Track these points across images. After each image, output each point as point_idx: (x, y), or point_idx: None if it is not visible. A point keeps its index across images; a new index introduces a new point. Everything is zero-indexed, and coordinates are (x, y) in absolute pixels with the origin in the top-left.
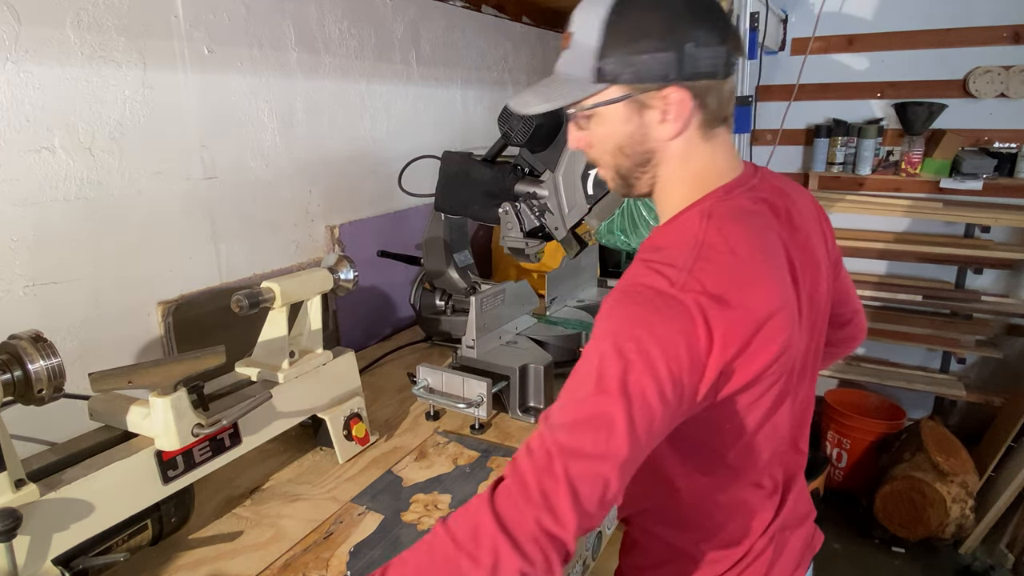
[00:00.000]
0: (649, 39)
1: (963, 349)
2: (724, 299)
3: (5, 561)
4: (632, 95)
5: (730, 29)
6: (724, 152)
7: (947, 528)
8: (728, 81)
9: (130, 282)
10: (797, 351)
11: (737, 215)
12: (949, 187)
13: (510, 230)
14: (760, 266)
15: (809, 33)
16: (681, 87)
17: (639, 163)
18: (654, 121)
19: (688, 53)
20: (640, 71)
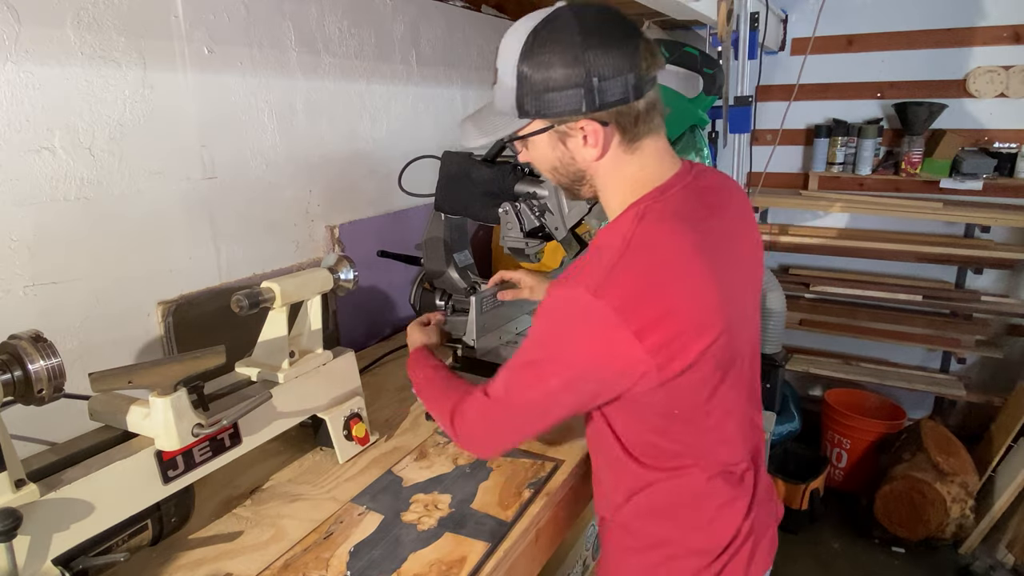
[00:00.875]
0: (557, 79)
1: (963, 349)
2: (643, 298)
3: (5, 561)
4: (552, 127)
5: (638, 51)
6: (654, 158)
7: (947, 528)
8: (642, 100)
9: (130, 282)
10: (732, 337)
11: (668, 214)
12: (949, 187)
13: (510, 230)
14: (686, 262)
15: (809, 33)
16: (592, 118)
17: (574, 179)
18: (578, 146)
19: (594, 87)
20: (554, 108)
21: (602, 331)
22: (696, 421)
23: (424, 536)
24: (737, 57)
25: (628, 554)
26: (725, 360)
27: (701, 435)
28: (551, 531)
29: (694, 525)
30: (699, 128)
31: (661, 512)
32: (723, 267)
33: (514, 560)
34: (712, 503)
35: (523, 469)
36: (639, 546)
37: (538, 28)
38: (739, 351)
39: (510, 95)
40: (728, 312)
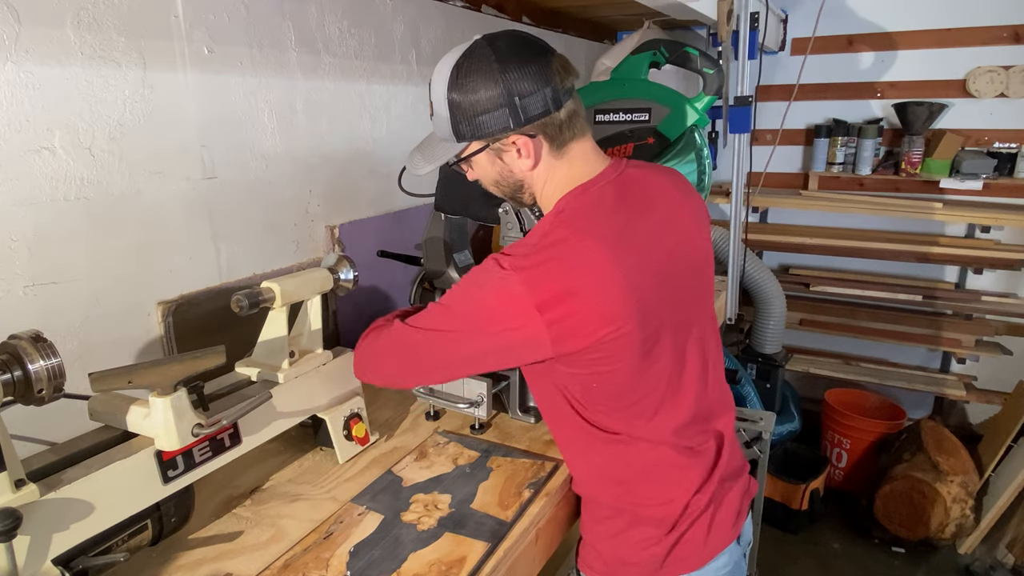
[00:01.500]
0: (483, 103)
1: (963, 349)
2: (548, 277)
3: (5, 561)
4: (488, 146)
5: (550, 68)
6: (581, 159)
7: (947, 528)
8: (563, 109)
9: (130, 282)
10: (645, 325)
11: (582, 209)
12: (949, 187)
13: (510, 230)
14: (592, 256)
15: (809, 33)
16: (521, 133)
17: (516, 189)
18: (513, 159)
19: (517, 105)
20: (485, 129)
21: (509, 296)
22: (621, 397)
23: (424, 536)
24: (737, 57)
25: (596, 522)
26: (636, 340)
27: (630, 410)
28: (551, 531)
29: (647, 494)
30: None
31: (617, 480)
32: (637, 258)
33: (514, 560)
34: (661, 472)
35: (523, 469)
36: (602, 515)
37: (460, 61)
38: (663, 331)
39: (446, 124)
40: (640, 301)
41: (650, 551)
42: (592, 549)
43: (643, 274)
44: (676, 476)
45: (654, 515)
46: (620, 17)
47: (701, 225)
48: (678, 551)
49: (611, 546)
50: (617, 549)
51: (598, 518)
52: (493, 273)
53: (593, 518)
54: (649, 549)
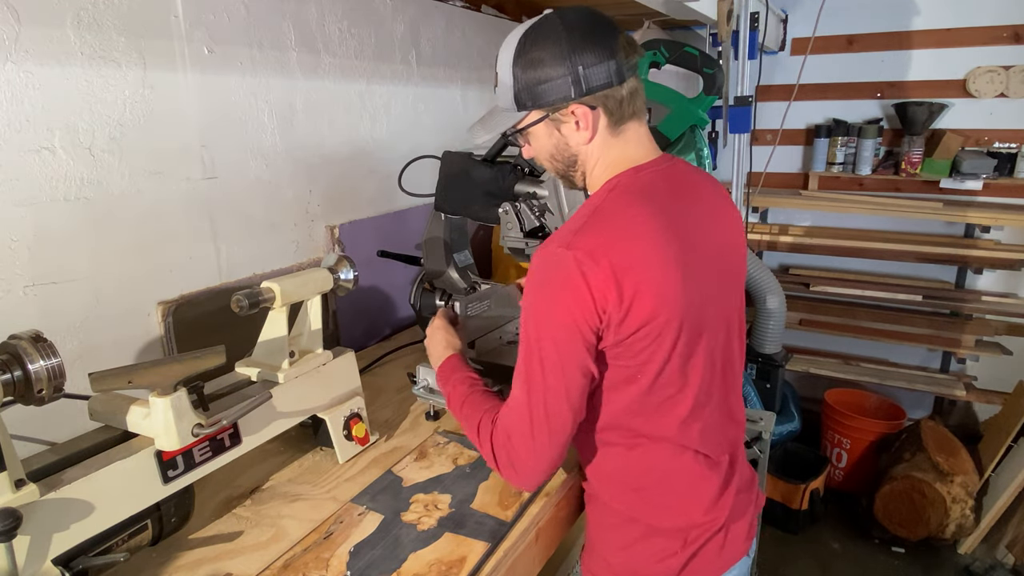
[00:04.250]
0: (548, 70)
1: (963, 349)
2: (597, 254)
3: (5, 561)
4: (547, 116)
5: (617, 42)
6: (635, 142)
7: (947, 528)
8: (625, 85)
9: (130, 282)
10: (692, 311)
11: (639, 187)
12: (949, 187)
13: (510, 230)
14: (645, 231)
15: (809, 33)
16: (581, 103)
17: (569, 164)
18: (571, 131)
19: (581, 74)
20: (547, 96)
21: (572, 279)
22: (657, 391)
23: (424, 536)
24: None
25: (606, 530)
26: (684, 330)
27: (662, 406)
28: (551, 531)
29: (664, 504)
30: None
31: (633, 487)
32: (686, 246)
33: (514, 560)
34: (680, 481)
35: None
36: (615, 522)
37: (528, 32)
38: (704, 327)
39: (508, 92)
40: (688, 286)
41: (665, 564)
42: (600, 559)
43: (693, 263)
44: (694, 486)
45: (670, 526)
46: (620, 17)
47: (741, 232)
48: (694, 565)
49: (623, 558)
50: (629, 560)
51: (608, 525)
52: (550, 258)
53: (603, 524)
54: (664, 562)
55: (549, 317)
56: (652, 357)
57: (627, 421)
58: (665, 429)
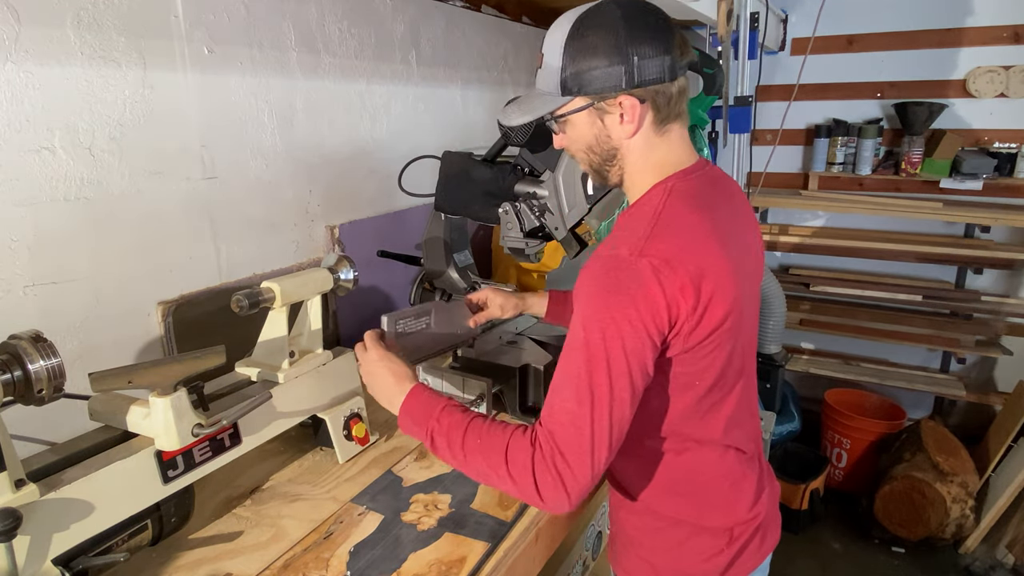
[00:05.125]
0: (601, 57)
1: (963, 349)
2: (674, 262)
3: (5, 561)
4: (593, 103)
5: (673, 39)
6: (679, 144)
7: (947, 528)
8: (675, 83)
9: (130, 282)
10: (741, 315)
11: (692, 192)
12: (949, 187)
13: (510, 230)
14: (707, 238)
15: (809, 33)
16: (631, 94)
17: (607, 158)
18: (614, 123)
19: (635, 64)
20: (596, 83)
21: (645, 287)
22: (712, 392)
23: (424, 536)
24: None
25: (648, 533)
26: (736, 336)
27: (713, 409)
28: (551, 531)
29: (713, 504)
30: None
31: (681, 492)
32: (734, 251)
33: (514, 560)
34: (726, 481)
35: None
36: (660, 525)
37: (584, 16)
38: (745, 330)
39: (554, 75)
40: (738, 291)
41: (712, 562)
42: (640, 559)
43: (740, 268)
44: (737, 485)
45: (717, 526)
46: None
47: (760, 234)
48: (739, 560)
49: (668, 558)
50: (677, 561)
51: (651, 528)
52: (620, 264)
53: (644, 528)
54: (711, 560)
55: (620, 324)
56: (712, 363)
57: (679, 427)
58: (713, 432)
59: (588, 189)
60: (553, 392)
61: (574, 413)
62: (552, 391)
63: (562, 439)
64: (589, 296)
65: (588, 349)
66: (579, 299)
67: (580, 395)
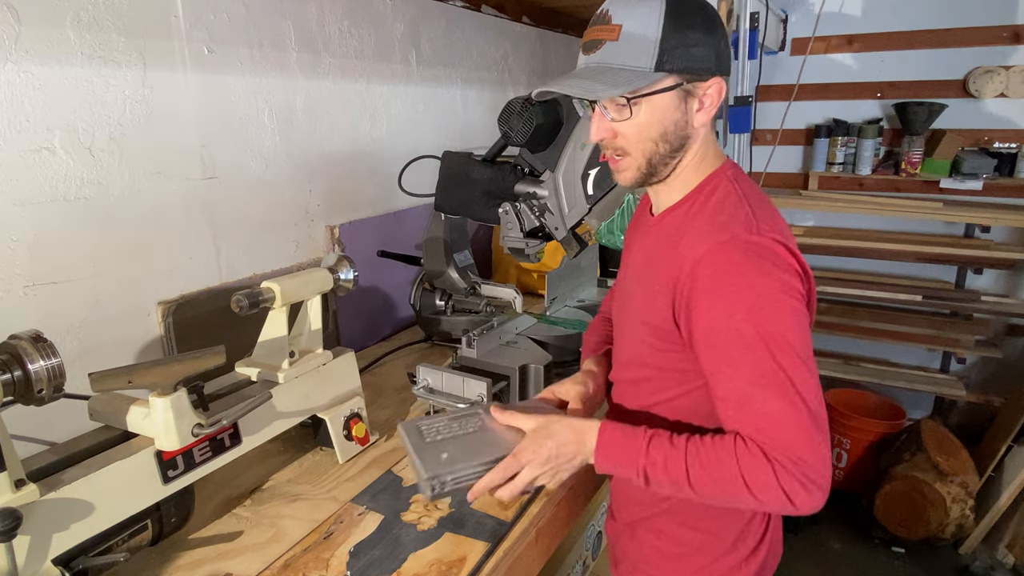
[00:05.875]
0: (700, 33)
1: (963, 349)
2: (788, 239)
3: (5, 561)
4: (683, 84)
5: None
6: (713, 139)
7: (947, 528)
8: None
9: (130, 282)
10: None
11: (746, 179)
12: (949, 187)
13: (510, 230)
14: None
15: (809, 33)
16: (720, 79)
17: (676, 148)
18: (693, 109)
19: (721, 48)
20: (694, 62)
21: (786, 262)
22: None
23: (424, 536)
24: (737, 57)
25: (666, 559)
26: None
27: None
28: (551, 531)
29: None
30: None
31: (702, 515)
32: None
33: (514, 560)
34: None
35: None
36: (680, 552)
37: None
38: None
39: (649, 48)
40: None
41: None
42: None
43: None
44: None
45: (736, 542)
46: None
47: None
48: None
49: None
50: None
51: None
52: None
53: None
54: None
55: (787, 302)
56: None
57: None
58: None
59: (588, 189)
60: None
61: (788, 414)
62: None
63: (793, 445)
64: (740, 288)
65: (766, 342)
66: (719, 292)
67: (785, 393)
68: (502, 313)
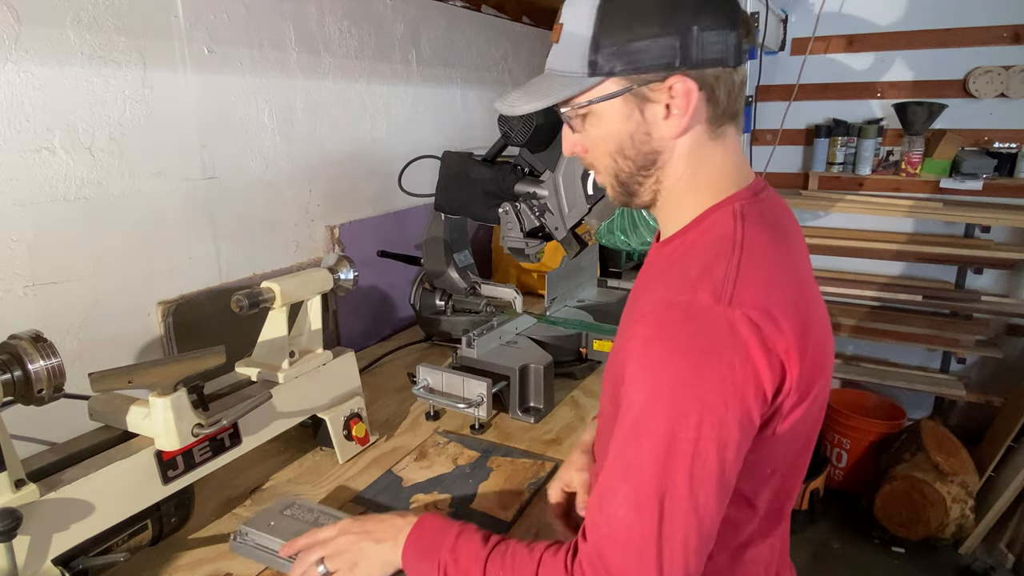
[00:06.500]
0: (649, 23)
1: (963, 349)
2: (777, 313)
3: (5, 561)
4: (631, 88)
5: (740, 12)
6: (735, 154)
7: (947, 528)
8: (740, 70)
9: (130, 282)
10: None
11: (769, 219)
12: (949, 187)
13: (510, 230)
14: (801, 276)
15: (809, 33)
16: (687, 76)
17: (642, 166)
18: (657, 117)
19: (694, 37)
20: (640, 60)
21: (747, 351)
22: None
23: None
24: None
25: None
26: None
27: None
28: (551, 531)
29: None
30: None
31: None
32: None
33: None
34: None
35: (523, 469)
36: None
37: None
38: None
39: (580, 48)
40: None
41: None
42: None
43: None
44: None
45: None
46: None
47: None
48: None
49: None
50: None
51: None
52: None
53: None
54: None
55: (711, 406)
56: (792, 439)
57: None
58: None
59: (588, 189)
60: (604, 492)
61: (631, 525)
62: (603, 490)
63: (615, 561)
64: (662, 361)
65: (659, 439)
66: (642, 361)
67: (642, 499)
68: (502, 313)
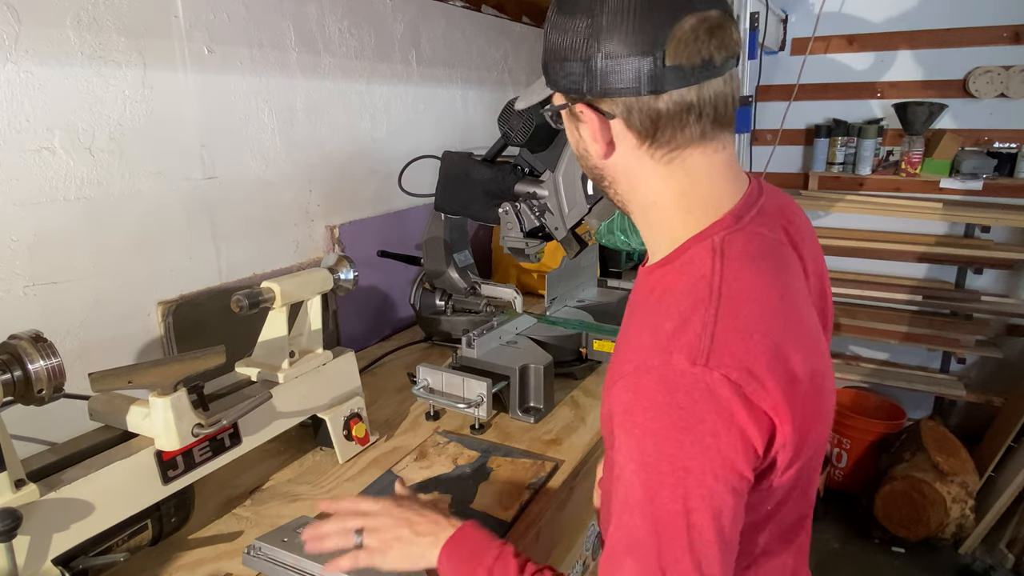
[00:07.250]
0: (569, 46)
1: (963, 349)
2: (758, 370)
3: (5, 561)
4: (567, 105)
5: (671, 31)
6: (710, 177)
7: (947, 528)
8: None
9: (130, 282)
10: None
11: (756, 252)
12: (949, 187)
13: (510, 230)
14: (792, 317)
15: (809, 33)
16: (593, 103)
17: (596, 178)
18: (589, 136)
19: (596, 65)
20: (564, 82)
21: (727, 415)
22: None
23: None
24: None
25: None
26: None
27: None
28: (551, 531)
29: None
30: None
31: None
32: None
33: None
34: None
35: (523, 469)
36: None
37: None
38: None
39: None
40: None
41: None
42: None
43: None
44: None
45: None
46: None
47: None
48: None
49: None
50: None
51: None
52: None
53: None
54: None
55: (703, 480)
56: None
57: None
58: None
59: (588, 189)
60: (612, 564)
61: None
62: (610, 557)
63: None
64: (643, 432)
65: (652, 514)
66: (625, 428)
67: (648, 572)
68: (502, 313)
